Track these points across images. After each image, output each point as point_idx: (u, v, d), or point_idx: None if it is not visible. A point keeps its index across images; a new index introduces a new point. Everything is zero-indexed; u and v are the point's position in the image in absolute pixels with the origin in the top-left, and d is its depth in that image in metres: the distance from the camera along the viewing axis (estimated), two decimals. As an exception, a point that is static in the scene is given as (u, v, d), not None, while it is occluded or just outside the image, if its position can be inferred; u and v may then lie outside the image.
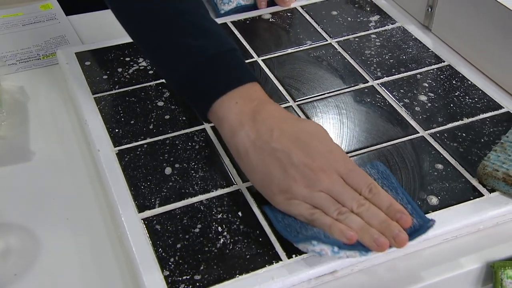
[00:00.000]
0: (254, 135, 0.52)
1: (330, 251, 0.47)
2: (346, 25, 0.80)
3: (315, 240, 0.48)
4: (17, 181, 0.59)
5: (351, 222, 0.49)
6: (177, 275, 0.48)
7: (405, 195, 0.52)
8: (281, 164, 0.51)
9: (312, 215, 0.50)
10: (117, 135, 0.62)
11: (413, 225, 0.49)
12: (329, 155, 0.52)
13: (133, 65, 0.72)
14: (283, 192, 0.51)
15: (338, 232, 0.48)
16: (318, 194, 0.50)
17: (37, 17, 0.86)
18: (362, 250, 0.48)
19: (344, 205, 0.50)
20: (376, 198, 0.51)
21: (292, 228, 0.51)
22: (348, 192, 0.51)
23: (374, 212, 0.50)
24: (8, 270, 0.51)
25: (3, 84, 0.71)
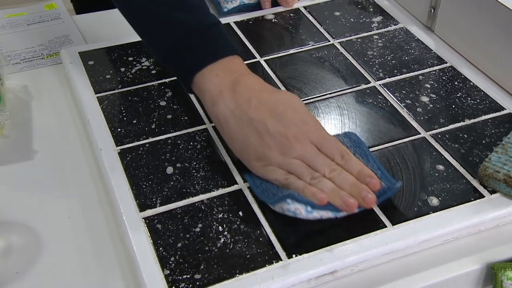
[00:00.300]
0: (233, 105, 0.56)
1: (304, 211, 0.51)
2: (349, 25, 0.80)
3: (290, 198, 0.51)
4: (19, 180, 0.59)
5: (323, 186, 0.52)
6: (178, 274, 0.48)
7: (375, 161, 0.56)
8: (258, 132, 0.54)
9: (286, 180, 0.53)
10: (119, 134, 0.62)
11: (382, 188, 0.53)
12: (303, 125, 0.55)
13: (136, 65, 0.72)
14: (259, 159, 0.54)
15: (311, 195, 0.52)
16: (292, 160, 0.54)
17: (41, 16, 0.86)
18: (333, 210, 0.52)
19: (317, 170, 0.53)
20: (347, 164, 0.54)
21: (269, 192, 0.54)
22: (321, 158, 0.54)
23: (345, 176, 0.53)
24: (10, 268, 0.51)
25: (7, 83, 0.71)
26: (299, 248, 0.50)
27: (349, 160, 0.54)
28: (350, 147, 0.57)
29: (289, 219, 0.53)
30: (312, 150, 0.54)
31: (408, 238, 0.51)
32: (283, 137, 0.54)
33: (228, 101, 0.56)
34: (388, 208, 0.54)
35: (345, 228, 0.52)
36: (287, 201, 0.51)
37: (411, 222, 0.53)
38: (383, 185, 0.53)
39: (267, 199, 0.53)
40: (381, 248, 0.50)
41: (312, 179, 0.53)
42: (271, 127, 0.54)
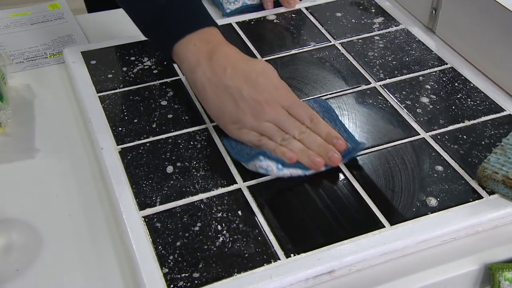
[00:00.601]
0: (209, 73, 0.60)
1: (275, 168, 0.55)
2: (350, 26, 0.80)
3: (262, 155, 0.55)
4: (21, 178, 0.60)
5: (293, 146, 0.57)
6: (176, 273, 0.49)
7: (342, 125, 0.61)
8: (233, 98, 0.58)
9: (259, 141, 0.58)
10: (120, 134, 0.62)
11: (348, 149, 0.58)
12: (274, 91, 0.59)
13: (138, 65, 0.72)
14: (234, 122, 0.59)
15: (281, 154, 0.56)
16: (265, 123, 0.58)
17: (45, 16, 0.86)
18: (302, 168, 0.56)
19: (287, 132, 0.58)
20: (316, 127, 0.59)
21: (243, 152, 0.58)
22: (291, 121, 0.58)
23: (314, 138, 0.58)
24: (10, 265, 0.51)
25: (10, 82, 0.72)
26: (297, 247, 0.50)
27: (317, 123, 0.59)
28: (319, 112, 0.62)
29: (287, 219, 0.53)
30: (283, 114, 0.58)
31: (406, 238, 0.51)
32: (256, 102, 0.58)
33: (205, 69, 0.60)
34: (386, 208, 0.54)
35: (343, 228, 0.52)
36: (259, 158, 0.55)
37: (409, 222, 0.52)
38: (348, 146, 0.58)
39: (241, 158, 0.57)
40: (379, 248, 0.50)
41: (283, 140, 0.57)
42: (245, 93, 0.58)
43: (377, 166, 0.58)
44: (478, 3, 0.71)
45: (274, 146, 0.57)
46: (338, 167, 0.58)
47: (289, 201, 0.55)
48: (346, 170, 0.58)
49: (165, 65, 0.72)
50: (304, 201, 0.55)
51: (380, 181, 0.57)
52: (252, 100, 0.58)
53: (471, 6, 0.73)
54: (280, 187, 0.56)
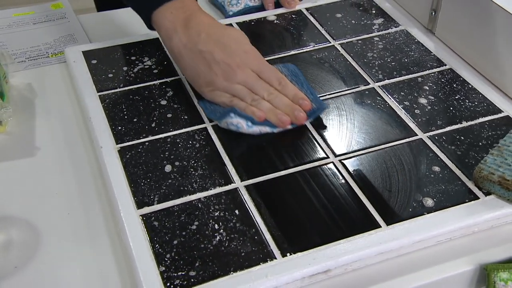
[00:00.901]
0: (185, 39, 0.64)
1: (245, 125, 0.60)
2: (350, 27, 0.80)
3: (233, 112, 0.60)
4: (21, 176, 0.60)
5: (262, 106, 0.61)
6: (173, 271, 0.49)
7: (308, 88, 0.65)
8: (207, 62, 0.63)
9: (231, 102, 0.62)
10: (119, 133, 0.62)
11: (313, 109, 0.63)
12: (245, 55, 0.64)
13: (138, 64, 0.72)
14: (208, 84, 0.63)
15: (251, 112, 0.61)
16: (236, 85, 0.62)
17: (47, 16, 0.86)
18: (271, 126, 0.61)
19: (257, 94, 0.62)
20: (284, 89, 0.63)
21: (216, 111, 0.63)
22: (260, 84, 0.63)
23: (281, 99, 0.62)
24: (9, 262, 0.51)
25: (11, 81, 0.72)
26: (294, 246, 0.50)
27: (285, 86, 0.63)
28: (287, 76, 0.67)
29: (284, 218, 0.53)
30: (253, 76, 0.63)
31: (402, 238, 0.51)
32: (228, 66, 0.62)
33: (181, 36, 0.64)
34: (383, 208, 0.54)
35: (339, 228, 0.52)
36: (230, 115, 0.60)
37: (405, 222, 0.52)
38: (313, 106, 0.63)
39: (214, 116, 0.62)
40: (375, 248, 0.50)
41: (253, 101, 0.62)
42: (218, 57, 0.62)
43: (374, 166, 0.58)
44: (478, 4, 0.71)
45: (245, 106, 0.61)
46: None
47: (286, 201, 0.55)
48: (343, 170, 0.58)
49: (165, 65, 0.72)
50: (301, 200, 0.55)
51: (377, 181, 0.57)
52: (224, 64, 0.62)
53: (471, 7, 0.73)
54: (277, 186, 0.56)
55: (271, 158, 0.59)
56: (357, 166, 0.58)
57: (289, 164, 0.59)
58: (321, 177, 0.57)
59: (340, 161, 0.59)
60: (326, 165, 0.59)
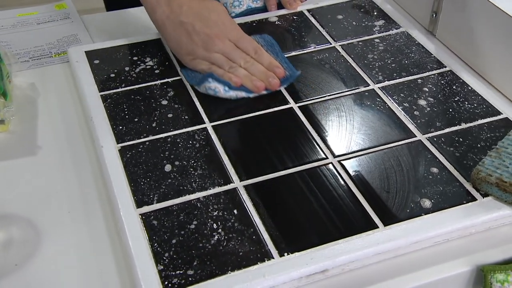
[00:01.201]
0: (168, 11, 0.68)
1: (222, 90, 0.65)
2: (351, 29, 0.80)
3: (211, 77, 0.65)
4: (22, 174, 0.60)
5: (239, 73, 0.66)
6: (171, 270, 0.49)
7: (283, 57, 0.70)
8: (187, 32, 0.67)
9: (210, 69, 0.67)
10: (120, 132, 0.62)
11: (286, 76, 0.67)
12: (223, 26, 0.69)
13: (140, 64, 0.72)
14: (189, 53, 0.68)
15: (228, 78, 0.65)
16: (214, 54, 0.67)
17: (51, 16, 0.87)
18: (246, 91, 0.66)
19: (234, 62, 0.67)
20: (259, 57, 0.68)
21: (196, 77, 0.67)
22: (238, 52, 0.68)
23: (257, 66, 0.67)
24: (9, 260, 0.52)
25: (15, 80, 0.72)
26: (291, 246, 0.50)
27: (261, 55, 0.68)
28: (263, 46, 0.71)
29: (282, 218, 0.53)
30: (231, 46, 0.68)
31: (400, 239, 0.51)
32: (207, 36, 0.67)
33: (164, 8, 0.68)
34: (380, 209, 0.54)
35: (337, 228, 0.52)
36: (208, 80, 0.65)
37: (403, 223, 0.52)
38: (286, 74, 0.68)
39: (194, 82, 0.67)
40: (372, 248, 0.50)
41: (230, 68, 0.66)
42: (198, 27, 0.67)
43: (373, 167, 0.58)
44: (478, 7, 0.71)
45: (222, 72, 0.66)
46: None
47: (284, 201, 0.55)
48: (342, 171, 0.58)
49: (167, 65, 0.72)
50: (299, 201, 0.55)
51: (375, 182, 0.57)
52: (203, 34, 0.67)
53: (471, 10, 0.72)
54: (276, 186, 0.56)
55: (270, 159, 0.59)
56: (356, 167, 0.58)
57: (288, 165, 0.59)
58: (320, 178, 0.57)
59: (339, 161, 0.59)
60: (325, 166, 0.59)
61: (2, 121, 0.65)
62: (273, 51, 0.71)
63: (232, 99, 0.66)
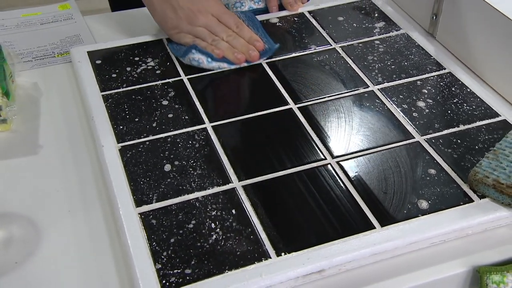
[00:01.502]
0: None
1: (205, 61, 0.70)
2: (351, 30, 0.79)
3: (194, 49, 0.70)
4: (24, 173, 0.60)
5: (221, 46, 0.71)
6: (169, 269, 0.49)
7: (263, 31, 0.75)
8: (173, 8, 0.72)
9: (194, 41, 0.71)
10: (121, 132, 0.62)
11: (265, 49, 0.73)
12: (206, 2, 0.73)
13: (142, 65, 0.72)
14: (174, 27, 0.73)
15: (211, 50, 0.70)
16: (198, 28, 0.72)
17: (54, 16, 0.87)
18: (228, 63, 0.70)
19: (217, 35, 0.72)
20: (241, 32, 0.73)
21: (181, 49, 0.72)
22: (220, 27, 0.72)
23: (238, 40, 0.72)
24: (9, 258, 0.52)
25: (18, 80, 0.72)
26: (288, 246, 0.50)
27: (242, 29, 0.73)
28: (244, 21, 0.76)
29: (280, 218, 0.53)
30: (213, 20, 0.72)
31: (396, 239, 0.51)
32: (191, 11, 0.71)
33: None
34: (378, 209, 0.54)
35: (334, 228, 0.52)
36: (192, 51, 0.70)
37: (399, 224, 0.52)
38: (266, 47, 0.73)
39: (179, 54, 0.71)
40: (369, 248, 0.50)
41: (213, 41, 0.71)
42: (182, 3, 0.72)
43: (371, 168, 0.58)
44: (478, 9, 0.71)
45: (205, 45, 0.70)
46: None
47: (282, 201, 0.55)
48: (340, 172, 0.58)
49: (168, 65, 0.72)
50: (297, 201, 0.55)
51: (373, 183, 0.57)
52: (187, 9, 0.71)
53: (471, 12, 0.72)
54: (274, 187, 0.57)
55: (269, 159, 0.59)
56: (354, 168, 0.58)
57: (286, 165, 0.59)
58: (318, 178, 0.57)
59: (338, 162, 0.59)
60: (324, 167, 0.59)
61: (5, 120, 0.65)
62: (253, 26, 0.75)
63: (214, 70, 0.70)
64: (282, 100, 0.67)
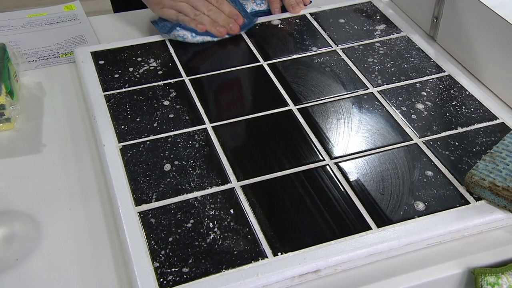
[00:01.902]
0: None
1: (190, 36, 0.75)
2: (352, 33, 0.79)
3: (179, 26, 0.75)
4: (26, 171, 0.61)
5: (203, 20, 0.76)
6: (167, 267, 0.49)
7: (241, 6, 0.81)
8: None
9: (177, 16, 0.76)
10: (122, 131, 0.63)
11: (244, 23, 0.78)
12: None
13: (144, 65, 0.73)
14: (157, 3, 0.78)
15: (194, 25, 0.75)
16: (180, 3, 0.76)
17: (60, 17, 0.87)
18: (211, 36, 0.76)
19: (198, 10, 0.76)
20: (220, 6, 0.78)
21: (166, 26, 0.77)
22: (201, 1, 0.77)
23: (219, 14, 0.77)
24: (10, 255, 0.52)
25: (22, 79, 0.73)
26: (285, 246, 0.51)
27: (222, 3, 0.78)
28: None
29: (278, 219, 0.53)
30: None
31: (392, 240, 0.51)
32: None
33: None
34: (374, 211, 0.54)
35: (331, 229, 0.52)
36: (177, 28, 0.74)
37: (396, 225, 0.52)
38: (245, 21, 0.79)
39: (164, 31, 0.76)
40: (365, 249, 0.50)
41: (195, 16, 0.75)
42: None
43: (369, 170, 0.58)
44: (478, 12, 0.71)
45: (189, 20, 0.75)
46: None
47: (280, 201, 0.55)
48: (338, 173, 0.58)
49: (170, 66, 0.73)
50: (295, 201, 0.55)
51: (370, 184, 0.57)
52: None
53: (471, 15, 0.72)
54: (273, 187, 0.57)
55: (268, 160, 0.59)
56: (352, 169, 0.58)
57: (285, 166, 0.59)
58: (316, 179, 0.57)
59: (336, 163, 0.59)
60: (322, 168, 0.59)
61: (9, 119, 0.66)
62: (233, 1, 0.80)
63: (198, 43, 0.75)
64: (282, 101, 0.68)
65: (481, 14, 0.70)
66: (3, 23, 0.86)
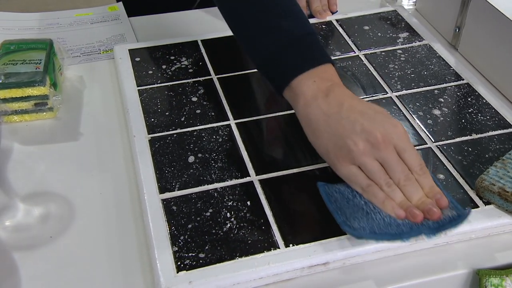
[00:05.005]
0: (325, 107, 0.54)
1: None
2: (376, 39, 0.78)
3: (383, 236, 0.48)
4: (64, 157, 0.62)
5: (395, 196, 0.51)
6: (184, 252, 0.50)
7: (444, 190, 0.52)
8: (345, 131, 0.52)
9: (368, 187, 0.51)
10: (152, 124, 0.63)
11: (451, 216, 0.49)
12: (391, 128, 0.52)
13: (176, 63, 0.73)
14: (344, 157, 0.52)
15: (390, 208, 0.50)
16: (373, 162, 0.51)
17: (104, 17, 0.89)
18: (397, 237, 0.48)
19: (393, 176, 0.51)
20: (422, 177, 0.51)
21: (342, 212, 0.51)
22: (400, 166, 0.51)
23: (417, 188, 0.51)
24: (45, 232, 0.54)
25: (66, 73, 0.75)
26: (297, 238, 0.50)
27: (425, 173, 0.52)
28: None
29: (292, 212, 0.53)
30: (394, 156, 0.51)
31: (400, 239, 0.50)
32: (370, 135, 0.51)
33: (321, 103, 0.54)
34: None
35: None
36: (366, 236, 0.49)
37: (404, 224, 0.51)
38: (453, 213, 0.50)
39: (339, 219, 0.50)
40: (373, 245, 0.50)
41: (387, 186, 0.51)
42: (360, 126, 0.51)
43: (381, 170, 0.57)
44: (499, 23, 0.69)
45: (384, 197, 0.50)
46: None
47: (295, 196, 0.55)
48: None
49: (200, 65, 0.73)
50: (310, 197, 0.55)
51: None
52: (366, 133, 0.51)
53: (493, 26, 0.70)
54: (289, 183, 0.56)
55: (286, 157, 0.59)
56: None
57: (302, 163, 0.58)
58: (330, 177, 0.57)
59: (351, 163, 0.58)
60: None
61: (51, 108, 0.67)
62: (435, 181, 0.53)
63: None
64: (304, 102, 0.67)
65: (503, 25, 0.68)
66: (53, 21, 0.88)
